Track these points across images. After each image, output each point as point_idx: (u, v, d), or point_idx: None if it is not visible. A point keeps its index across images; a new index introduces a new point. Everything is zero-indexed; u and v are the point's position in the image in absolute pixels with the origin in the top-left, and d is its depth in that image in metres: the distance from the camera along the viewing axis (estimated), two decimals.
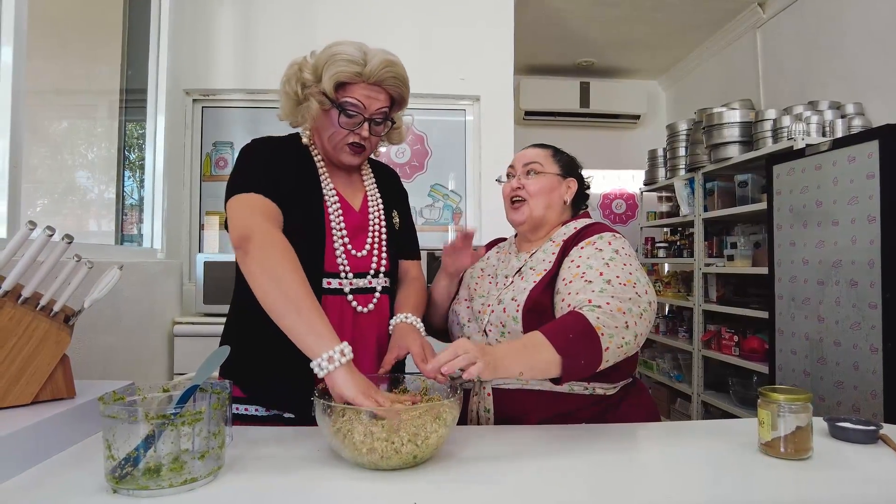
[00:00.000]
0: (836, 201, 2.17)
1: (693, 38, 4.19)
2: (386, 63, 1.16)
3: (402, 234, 1.35)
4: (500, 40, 3.12)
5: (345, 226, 1.21)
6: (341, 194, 1.24)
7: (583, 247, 1.22)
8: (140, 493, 0.77)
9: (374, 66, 1.14)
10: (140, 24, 2.66)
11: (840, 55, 2.94)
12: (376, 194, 1.30)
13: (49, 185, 2.32)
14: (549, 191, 1.33)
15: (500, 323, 1.23)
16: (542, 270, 1.25)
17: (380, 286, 1.24)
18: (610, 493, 0.83)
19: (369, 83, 1.16)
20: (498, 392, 1.20)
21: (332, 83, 1.14)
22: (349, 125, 1.17)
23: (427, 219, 3.20)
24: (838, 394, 2.14)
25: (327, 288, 1.18)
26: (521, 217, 1.33)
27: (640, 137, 4.90)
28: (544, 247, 1.31)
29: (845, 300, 2.12)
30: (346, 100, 1.16)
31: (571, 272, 1.17)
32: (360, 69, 1.14)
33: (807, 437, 0.94)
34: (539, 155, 1.36)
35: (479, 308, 1.30)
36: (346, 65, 1.13)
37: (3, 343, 0.94)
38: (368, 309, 1.21)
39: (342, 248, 1.20)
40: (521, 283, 1.26)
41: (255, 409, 1.18)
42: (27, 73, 1.64)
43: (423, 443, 0.87)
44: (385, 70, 1.16)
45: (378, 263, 1.24)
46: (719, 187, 3.25)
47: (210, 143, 3.09)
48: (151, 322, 2.37)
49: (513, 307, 1.21)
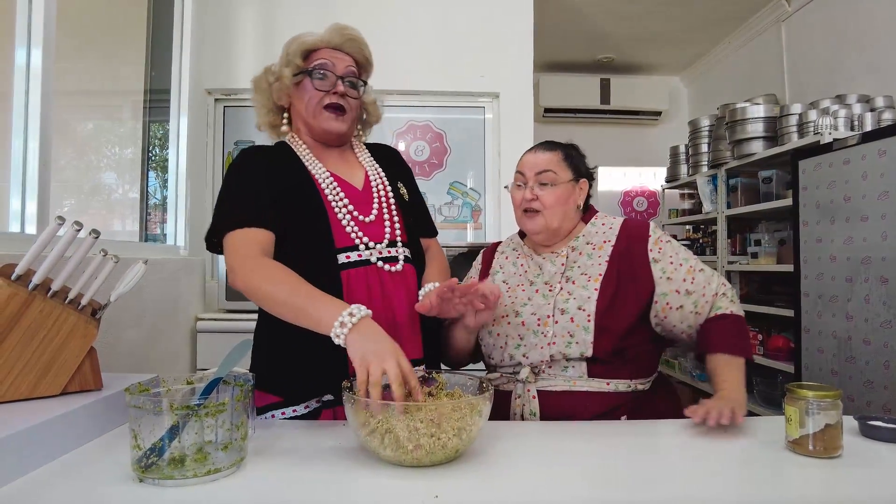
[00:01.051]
0: (866, 196, 2.12)
1: (716, 33, 4.12)
2: (340, 27, 1.27)
3: (414, 207, 1.35)
4: (520, 37, 3.10)
5: (344, 195, 1.22)
6: (336, 174, 1.25)
7: (661, 249, 1.27)
8: (165, 482, 0.78)
9: (330, 33, 1.26)
10: (163, 26, 2.70)
11: (869, 47, 2.87)
12: (376, 169, 1.31)
13: (75, 185, 2.37)
14: (564, 201, 1.30)
15: (566, 333, 1.20)
16: (598, 275, 1.24)
17: (402, 255, 1.23)
18: (636, 489, 0.82)
19: (331, 47, 1.26)
20: (543, 394, 1.19)
21: (298, 52, 1.24)
22: (323, 86, 1.23)
23: (446, 216, 3.20)
24: (868, 393, 2.09)
25: (345, 262, 1.17)
26: (537, 227, 1.30)
27: (662, 134, 4.84)
28: (578, 248, 1.30)
29: (875, 297, 2.07)
30: (315, 63, 1.24)
31: (682, 272, 1.25)
32: (319, 38, 1.26)
33: (836, 436, 0.92)
34: (551, 161, 1.30)
35: (529, 321, 1.24)
36: (306, 37, 1.26)
37: (33, 335, 0.96)
38: (397, 269, 1.20)
39: (348, 217, 1.20)
40: (576, 290, 1.23)
41: (292, 409, 1.17)
42: (54, 75, 1.67)
43: (467, 436, 0.87)
44: (340, 34, 1.26)
45: (392, 231, 1.23)
46: (743, 184, 3.20)
47: (232, 143, 3.12)
48: (175, 318, 2.40)
49: (582, 317, 1.20)
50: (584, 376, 1.19)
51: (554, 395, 1.19)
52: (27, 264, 0.97)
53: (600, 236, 1.31)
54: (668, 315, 1.24)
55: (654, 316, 1.25)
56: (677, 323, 1.25)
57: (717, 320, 1.24)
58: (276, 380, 1.16)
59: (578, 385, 1.18)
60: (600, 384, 1.18)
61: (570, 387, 1.19)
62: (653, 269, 1.25)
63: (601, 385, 1.18)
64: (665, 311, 1.24)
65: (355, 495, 0.80)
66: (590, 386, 1.18)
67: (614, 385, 1.19)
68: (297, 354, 1.15)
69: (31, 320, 0.96)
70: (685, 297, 1.24)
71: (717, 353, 1.20)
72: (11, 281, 0.96)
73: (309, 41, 1.25)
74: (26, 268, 0.98)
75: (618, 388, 1.19)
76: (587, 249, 1.30)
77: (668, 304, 1.24)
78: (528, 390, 1.20)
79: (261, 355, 1.21)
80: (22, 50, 1.61)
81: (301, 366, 1.15)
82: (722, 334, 1.21)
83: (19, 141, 1.60)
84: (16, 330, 0.94)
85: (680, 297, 1.24)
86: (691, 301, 1.24)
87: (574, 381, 1.19)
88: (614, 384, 1.19)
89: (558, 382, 1.19)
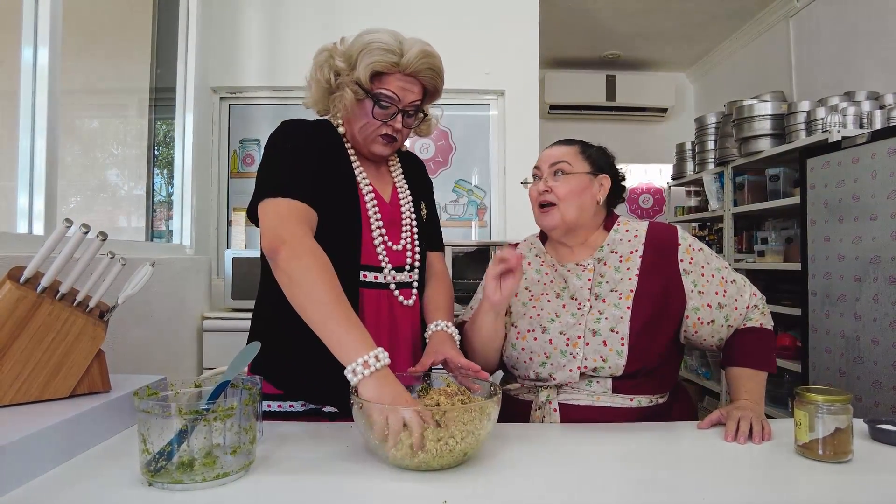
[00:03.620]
0: (875, 195, 2.10)
1: (723, 29, 4.09)
2: (423, 54, 1.14)
3: (429, 225, 1.33)
4: (526, 34, 3.09)
5: (381, 217, 1.19)
6: (374, 186, 1.22)
7: (692, 259, 1.22)
8: (174, 486, 0.78)
9: (412, 57, 1.12)
10: (169, 24, 2.70)
11: (879, 43, 2.84)
12: (405, 186, 1.28)
13: (82, 182, 2.38)
14: (579, 192, 1.23)
15: (598, 357, 1.15)
16: (629, 291, 1.18)
17: (416, 283, 1.23)
18: (646, 493, 0.82)
19: (405, 74, 1.14)
20: (564, 407, 1.17)
21: (367, 73, 1.11)
22: (383, 116, 1.15)
23: (451, 214, 3.19)
24: (876, 394, 2.08)
25: (364, 281, 1.16)
26: (553, 222, 1.24)
27: (668, 131, 4.82)
28: (604, 258, 1.25)
29: (884, 297, 2.06)
30: (381, 91, 1.13)
31: (715, 284, 1.21)
32: (397, 59, 1.12)
33: (847, 440, 0.91)
34: (566, 153, 1.26)
35: (557, 340, 1.18)
36: (382, 54, 1.11)
37: (42, 338, 0.96)
38: (409, 303, 1.20)
39: (381, 243, 1.17)
40: (608, 309, 1.18)
41: (289, 405, 1.17)
42: (61, 73, 1.67)
43: (474, 440, 0.86)
44: (422, 61, 1.14)
45: (413, 258, 1.23)
46: (749, 181, 3.18)
47: (237, 141, 3.13)
48: (181, 317, 2.41)
49: (615, 340, 1.15)
50: (608, 392, 1.16)
51: (576, 408, 1.17)
52: (35, 267, 0.98)
53: (626, 245, 1.25)
54: (699, 330, 1.21)
55: (685, 331, 1.22)
56: (707, 337, 1.22)
57: (746, 333, 1.22)
58: (277, 374, 1.16)
59: (602, 401, 1.16)
60: (624, 400, 1.16)
61: (594, 402, 1.16)
62: (684, 281, 1.20)
63: (625, 401, 1.16)
64: (696, 327, 1.20)
65: (364, 499, 0.80)
66: (613, 402, 1.16)
67: (637, 401, 1.16)
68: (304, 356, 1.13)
69: (40, 323, 0.96)
70: (717, 311, 1.20)
71: (744, 367, 1.20)
72: (20, 284, 0.96)
73: (382, 63, 1.11)
74: (35, 271, 0.98)
75: (640, 403, 1.17)
76: (613, 261, 1.24)
77: (699, 319, 1.20)
78: (550, 403, 1.18)
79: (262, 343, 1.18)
80: (29, 49, 1.61)
81: (307, 367, 1.13)
82: (751, 349, 1.21)
83: (26, 139, 1.61)
84: (25, 333, 0.95)
85: (712, 312, 1.20)
86: (723, 315, 1.20)
87: (598, 397, 1.16)
88: (637, 399, 1.16)
89: (581, 397, 1.17)
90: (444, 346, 1.14)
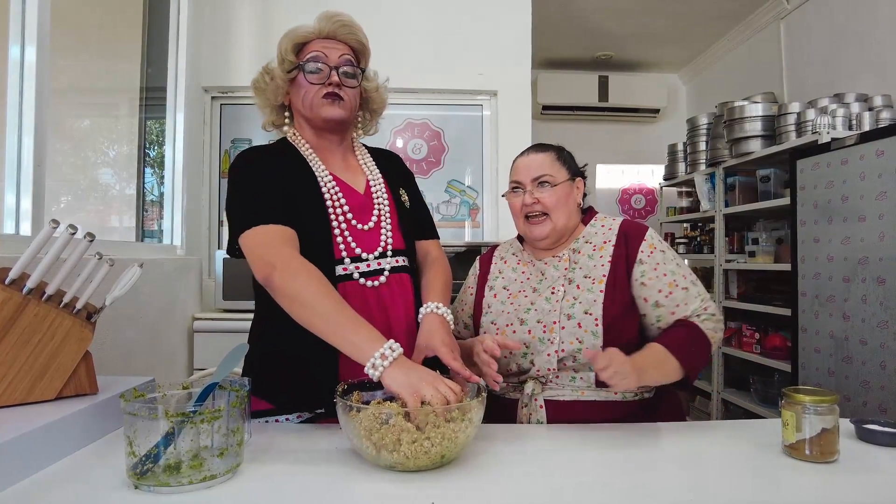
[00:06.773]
0: (864, 196, 2.12)
1: (714, 30, 4.11)
2: (332, 14, 1.22)
3: (415, 213, 1.33)
4: (518, 34, 3.09)
5: (346, 202, 1.19)
6: (339, 178, 1.22)
7: (651, 253, 1.24)
8: (161, 489, 0.78)
9: (321, 22, 1.22)
10: (160, 23, 2.68)
11: (869, 46, 2.86)
12: (377, 175, 1.28)
13: (72, 181, 2.36)
14: (565, 200, 1.28)
15: (575, 339, 1.18)
16: (601, 277, 1.22)
17: (388, 266, 1.20)
18: (633, 494, 0.82)
19: (322, 38, 1.23)
20: (550, 403, 1.18)
21: (289, 47, 1.22)
22: (318, 79, 1.20)
23: (444, 215, 3.19)
24: (864, 393, 2.09)
25: (345, 274, 1.15)
26: (544, 232, 1.27)
27: (660, 131, 4.84)
28: (579, 248, 1.29)
29: (872, 298, 2.07)
30: (307, 56, 1.21)
31: (662, 282, 1.22)
32: (311, 28, 1.23)
33: (833, 440, 0.92)
34: (546, 164, 1.29)
35: (535, 328, 1.21)
36: (297, 29, 1.23)
37: (27, 340, 0.95)
38: (379, 283, 1.18)
39: (344, 226, 1.17)
40: (581, 294, 1.21)
41: (285, 418, 1.16)
42: (50, 72, 1.66)
43: (452, 443, 0.86)
44: (333, 20, 1.22)
45: (386, 242, 1.21)
46: (741, 182, 3.20)
47: (228, 140, 3.11)
48: (171, 318, 2.39)
49: (589, 322, 1.18)
50: (591, 386, 1.17)
51: (562, 404, 1.18)
52: (21, 268, 0.97)
53: (600, 237, 1.30)
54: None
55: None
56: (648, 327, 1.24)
57: (685, 327, 1.19)
58: (268, 387, 1.15)
59: (587, 395, 1.17)
60: (608, 393, 1.17)
61: (578, 396, 1.18)
62: (634, 269, 1.23)
63: (609, 394, 1.17)
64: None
65: (352, 500, 0.80)
66: (598, 395, 1.17)
67: (622, 394, 1.18)
68: (290, 364, 1.14)
69: (26, 325, 0.95)
70: (652, 308, 1.21)
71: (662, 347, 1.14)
72: (5, 285, 0.95)
73: (299, 34, 1.23)
74: (21, 272, 0.97)
75: (625, 396, 1.18)
76: (587, 250, 1.28)
77: (656, 302, 1.22)
78: (535, 400, 1.19)
79: (254, 361, 1.18)
80: (16, 47, 1.60)
81: (293, 376, 1.14)
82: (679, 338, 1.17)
83: (14, 138, 1.60)
84: (10, 334, 0.94)
85: (646, 306, 1.22)
86: (656, 315, 1.21)
87: (582, 392, 1.18)
88: (622, 393, 1.17)
89: (566, 392, 1.18)
90: (434, 337, 1.12)
